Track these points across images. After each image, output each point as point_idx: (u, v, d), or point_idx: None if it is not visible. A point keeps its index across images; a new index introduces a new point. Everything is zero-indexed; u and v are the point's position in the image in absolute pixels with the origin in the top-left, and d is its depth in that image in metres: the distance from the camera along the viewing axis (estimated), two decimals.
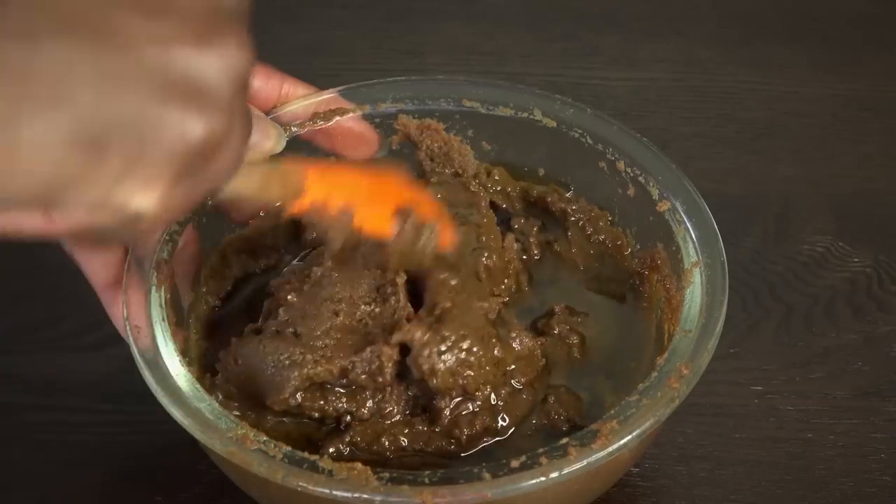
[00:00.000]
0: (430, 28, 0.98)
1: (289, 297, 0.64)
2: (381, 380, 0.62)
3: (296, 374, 0.61)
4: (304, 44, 0.97)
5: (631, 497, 0.68)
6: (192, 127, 0.45)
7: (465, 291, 0.64)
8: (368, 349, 0.62)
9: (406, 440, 0.62)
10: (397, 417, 0.63)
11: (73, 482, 0.69)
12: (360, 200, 0.61)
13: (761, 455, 0.70)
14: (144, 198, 0.46)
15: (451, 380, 0.62)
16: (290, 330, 0.63)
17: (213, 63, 0.45)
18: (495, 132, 0.72)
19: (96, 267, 0.63)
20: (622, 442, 0.56)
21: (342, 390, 0.63)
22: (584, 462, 0.55)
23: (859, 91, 0.93)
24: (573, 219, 0.71)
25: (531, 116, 0.71)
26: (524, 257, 0.71)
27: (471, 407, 0.63)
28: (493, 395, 0.63)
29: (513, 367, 0.64)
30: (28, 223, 0.48)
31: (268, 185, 0.58)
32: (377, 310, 0.63)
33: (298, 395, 0.62)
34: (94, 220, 0.46)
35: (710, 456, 0.70)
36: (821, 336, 0.77)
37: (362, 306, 0.63)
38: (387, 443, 0.62)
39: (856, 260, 0.81)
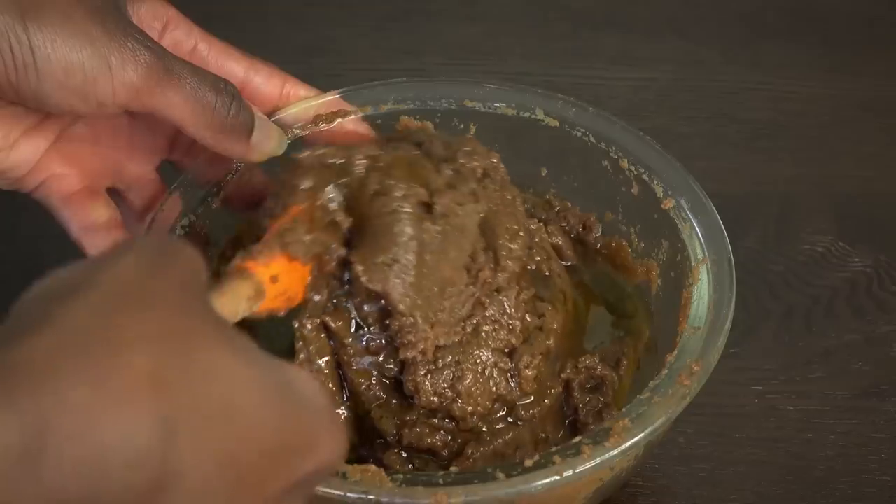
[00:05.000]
0: (430, 28, 0.98)
1: None
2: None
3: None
4: (304, 44, 0.96)
5: (631, 497, 0.68)
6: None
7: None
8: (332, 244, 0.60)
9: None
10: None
11: None
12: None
13: (761, 455, 0.70)
14: None
15: None
16: None
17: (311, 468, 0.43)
18: (497, 132, 0.72)
19: None
20: (635, 440, 0.56)
21: None
22: (598, 460, 0.55)
23: (859, 91, 0.93)
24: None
25: (533, 116, 0.71)
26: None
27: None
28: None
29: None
30: None
31: (244, 298, 0.54)
32: None
33: None
34: None
35: (710, 456, 0.70)
36: (821, 336, 0.77)
37: None
38: None
39: (856, 260, 0.81)
